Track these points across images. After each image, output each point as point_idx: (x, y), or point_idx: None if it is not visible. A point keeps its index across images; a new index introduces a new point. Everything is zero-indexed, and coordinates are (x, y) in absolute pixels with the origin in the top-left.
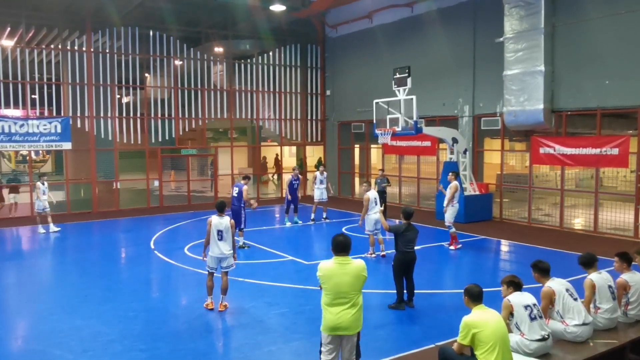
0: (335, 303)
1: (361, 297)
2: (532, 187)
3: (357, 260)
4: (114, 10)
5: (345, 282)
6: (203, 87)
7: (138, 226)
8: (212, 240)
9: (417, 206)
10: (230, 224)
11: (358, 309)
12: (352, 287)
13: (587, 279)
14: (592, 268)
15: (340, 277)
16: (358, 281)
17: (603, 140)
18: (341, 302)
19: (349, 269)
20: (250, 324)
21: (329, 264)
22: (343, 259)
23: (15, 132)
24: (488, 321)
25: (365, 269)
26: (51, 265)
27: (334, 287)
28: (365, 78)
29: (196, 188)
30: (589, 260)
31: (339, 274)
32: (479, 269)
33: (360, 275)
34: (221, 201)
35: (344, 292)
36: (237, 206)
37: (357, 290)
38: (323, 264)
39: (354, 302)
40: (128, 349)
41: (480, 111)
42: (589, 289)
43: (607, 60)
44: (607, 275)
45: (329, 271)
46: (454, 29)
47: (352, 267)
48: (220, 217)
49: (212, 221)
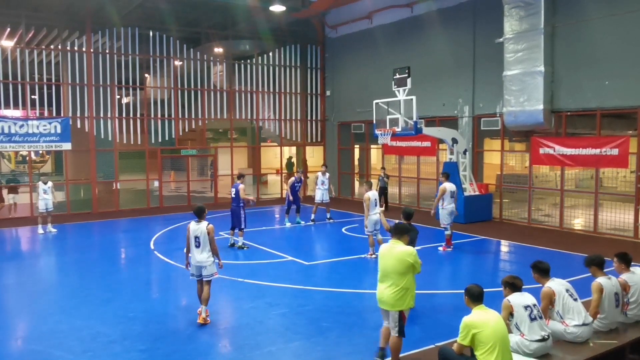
0: (380, 280)
1: (407, 280)
2: (532, 188)
3: (406, 247)
4: (113, 11)
5: (389, 263)
6: (203, 88)
7: (138, 226)
8: (191, 247)
9: (417, 206)
10: (208, 229)
11: (399, 290)
12: (394, 269)
13: (596, 282)
14: (600, 270)
15: (387, 259)
16: (401, 265)
17: (603, 141)
18: (384, 280)
19: (395, 252)
20: (250, 324)
21: (384, 246)
22: (395, 242)
23: (15, 133)
24: (488, 321)
25: (411, 255)
26: (51, 265)
27: (381, 266)
28: (365, 78)
29: (196, 188)
30: (596, 261)
31: (387, 256)
32: (479, 270)
33: (403, 260)
34: (199, 206)
35: (388, 272)
36: (235, 207)
37: (399, 273)
38: (383, 245)
39: (395, 282)
40: (128, 350)
41: (480, 111)
42: (597, 293)
43: (607, 60)
44: (615, 282)
45: (382, 252)
46: (454, 29)
47: (397, 251)
48: (197, 223)
49: (190, 227)
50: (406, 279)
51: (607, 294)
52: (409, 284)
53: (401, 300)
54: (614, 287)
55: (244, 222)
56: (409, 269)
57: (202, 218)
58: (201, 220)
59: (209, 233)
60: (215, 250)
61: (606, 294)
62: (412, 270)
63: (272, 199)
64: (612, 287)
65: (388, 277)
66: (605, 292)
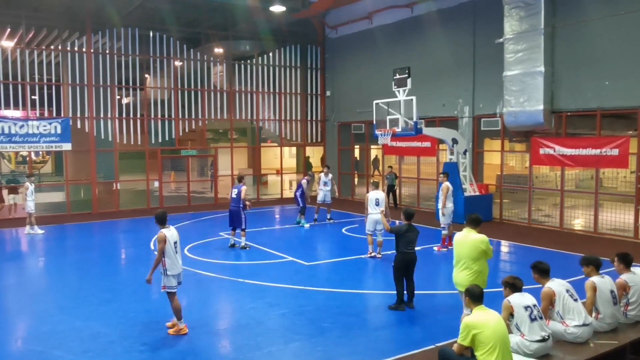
0: (456, 264)
1: (479, 265)
2: (532, 188)
3: (479, 234)
4: (114, 11)
5: (464, 250)
6: (203, 88)
7: (138, 227)
8: (170, 256)
9: (417, 207)
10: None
11: (472, 273)
12: (468, 255)
13: (589, 280)
14: (596, 271)
15: (461, 246)
16: (474, 251)
17: (603, 141)
18: (459, 264)
19: (469, 239)
20: (250, 324)
21: (459, 234)
22: (469, 231)
23: (15, 133)
24: (488, 322)
25: (483, 242)
26: (51, 266)
27: (456, 252)
28: (365, 79)
29: (196, 189)
30: (596, 262)
31: (461, 243)
32: None
33: (477, 246)
34: (162, 212)
35: (462, 257)
36: (236, 207)
37: (472, 258)
38: (457, 234)
39: (469, 266)
40: (128, 350)
41: (480, 112)
42: (591, 291)
43: (607, 61)
44: (609, 280)
45: (457, 239)
46: (454, 29)
47: (471, 239)
48: (169, 229)
49: (166, 235)
50: (479, 263)
51: (602, 292)
52: (481, 268)
53: (475, 282)
54: (608, 285)
55: (244, 222)
56: (482, 255)
57: (164, 225)
58: (167, 225)
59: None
60: None
61: (600, 292)
62: (485, 255)
63: (272, 200)
64: (607, 285)
65: (462, 261)
66: (600, 290)
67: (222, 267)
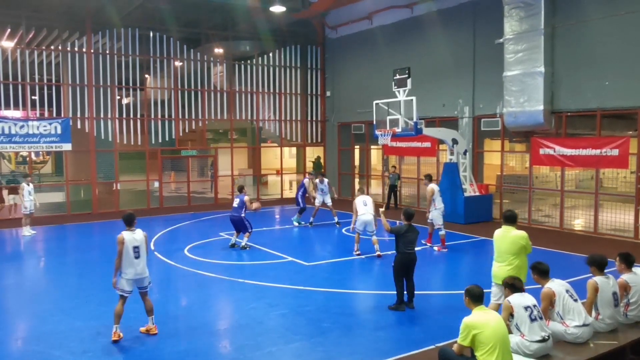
0: (496, 259)
1: (520, 260)
2: (532, 188)
3: (519, 231)
4: (114, 12)
5: (504, 245)
6: (203, 88)
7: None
8: (127, 259)
9: (417, 207)
10: (145, 237)
11: (512, 268)
12: (508, 250)
13: (592, 280)
14: (599, 271)
15: (502, 241)
16: (515, 246)
17: (603, 141)
18: (499, 259)
19: (510, 235)
20: (250, 324)
21: (498, 231)
22: (508, 228)
23: (15, 133)
24: (488, 322)
25: (523, 237)
26: (51, 266)
27: (497, 248)
28: (365, 79)
29: (196, 189)
30: (599, 262)
31: (502, 239)
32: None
33: (517, 242)
34: (129, 213)
35: (503, 253)
36: (238, 217)
37: (513, 254)
38: (497, 230)
39: (509, 262)
40: (128, 350)
41: (480, 112)
42: (592, 291)
43: (607, 61)
44: (613, 281)
45: (497, 236)
46: (454, 30)
47: (512, 235)
48: (132, 232)
49: (125, 237)
50: (519, 258)
51: (603, 293)
52: (522, 263)
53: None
54: (611, 287)
55: (249, 226)
56: (522, 250)
57: (133, 226)
58: (131, 228)
59: (146, 241)
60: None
61: (602, 293)
62: (524, 250)
63: (272, 200)
64: (610, 287)
65: (503, 257)
66: (601, 290)
67: (222, 267)
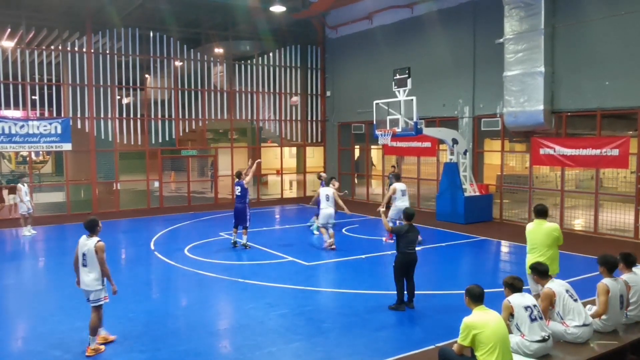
0: (530, 252)
1: (553, 251)
2: (532, 188)
3: (551, 223)
4: (114, 12)
5: (538, 238)
6: (203, 88)
7: (138, 227)
8: (79, 265)
9: (418, 207)
10: (97, 248)
11: (547, 259)
12: (542, 242)
13: (602, 283)
14: (608, 272)
15: (535, 234)
16: (548, 238)
17: (603, 141)
18: (533, 251)
19: (543, 228)
20: (250, 324)
21: (530, 224)
22: (540, 221)
23: (15, 133)
24: (488, 322)
25: (556, 229)
26: (51, 266)
27: (530, 240)
28: (365, 79)
29: (196, 189)
30: (609, 263)
31: (535, 232)
32: (479, 270)
33: (550, 234)
34: (90, 219)
35: (537, 245)
36: (241, 205)
37: (546, 245)
38: (530, 224)
39: (543, 253)
40: (128, 350)
41: (480, 112)
42: (604, 295)
43: (607, 61)
44: (622, 283)
45: (530, 229)
46: (454, 30)
47: (545, 227)
48: (87, 238)
49: (80, 241)
50: (552, 249)
51: (613, 296)
52: (554, 254)
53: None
54: (620, 289)
55: (248, 220)
56: (555, 241)
57: (94, 233)
58: (92, 235)
59: (97, 252)
60: (106, 273)
61: (611, 296)
62: (557, 241)
63: (273, 200)
64: (618, 289)
65: (537, 249)
66: (611, 293)
67: (222, 267)
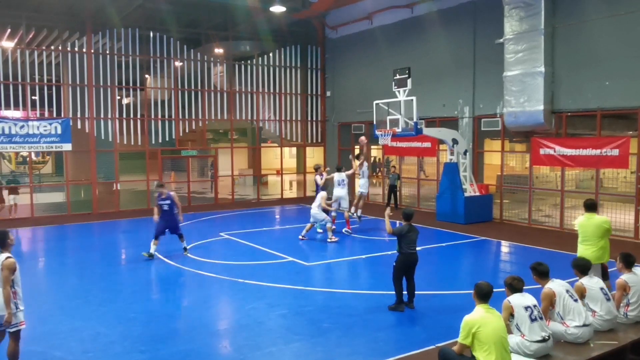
0: (581, 243)
1: (604, 242)
2: (532, 188)
3: (601, 216)
4: (114, 12)
5: (590, 230)
6: (203, 89)
7: (138, 227)
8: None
9: (418, 207)
10: (4, 265)
11: (598, 249)
12: (593, 233)
13: (578, 282)
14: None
15: (587, 226)
16: (599, 229)
17: (603, 141)
18: (585, 242)
19: (594, 220)
20: (251, 325)
21: (581, 218)
22: (590, 215)
23: (15, 134)
24: (488, 321)
25: (607, 222)
26: (51, 266)
27: (582, 232)
28: (365, 79)
29: (196, 189)
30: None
31: (587, 224)
32: (479, 270)
33: (601, 226)
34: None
35: (588, 236)
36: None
37: (598, 236)
38: (579, 218)
39: (594, 243)
40: (128, 351)
41: (481, 112)
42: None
43: (607, 61)
44: (596, 279)
45: (580, 222)
46: (454, 30)
47: (596, 220)
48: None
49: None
50: (603, 240)
51: (590, 292)
52: (605, 244)
53: (601, 256)
54: (595, 283)
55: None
56: (606, 233)
57: (5, 248)
58: (3, 250)
59: (3, 270)
60: (6, 294)
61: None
62: (608, 233)
63: (273, 200)
64: (594, 283)
65: (589, 240)
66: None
67: (222, 267)
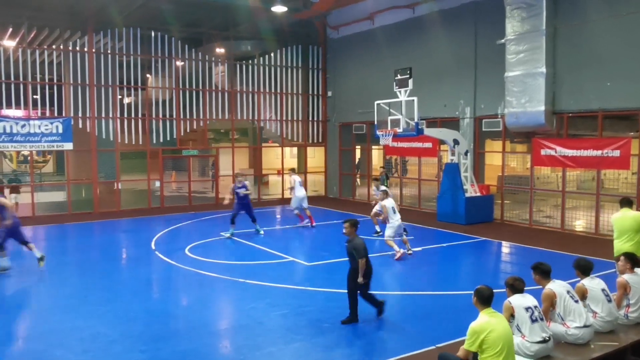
0: (617, 237)
1: (639, 236)
2: (533, 189)
3: (636, 211)
4: (115, 11)
5: (626, 224)
6: (204, 88)
7: (139, 227)
8: None
9: (419, 207)
10: None
11: (634, 243)
12: (630, 227)
13: (579, 283)
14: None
15: (623, 221)
16: (635, 224)
17: (604, 142)
18: (621, 237)
19: (629, 215)
20: (251, 325)
21: (617, 213)
22: (625, 210)
23: (16, 133)
24: (495, 325)
25: None
26: (52, 265)
27: (618, 227)
28: (366, 79)
29: (197, 189)
30: (586, 267)
31: (622, 219)
32: (479, 271)
33: (637, 220)
34: None
35: (625, 230)
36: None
37: (635, 231)
38: (615, 213)
39: (630, 237)
40: (128, 350)
41: (482, 113)
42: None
43: (609, 61)
44: (598, 280)
45: (617, 217)
46: (456, 30)
47: (631, 214)
48: None
49: None
50: (639, 235)
51: (592, 293)
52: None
53: (637, 250)
54: (597, 284)
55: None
56: None
57: None
58: None
59: None
60: None
61: (590, 293)
62: None
63: (273, 200)
64: (596, 284)
65: (625, 234)
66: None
67: (222, 267)
